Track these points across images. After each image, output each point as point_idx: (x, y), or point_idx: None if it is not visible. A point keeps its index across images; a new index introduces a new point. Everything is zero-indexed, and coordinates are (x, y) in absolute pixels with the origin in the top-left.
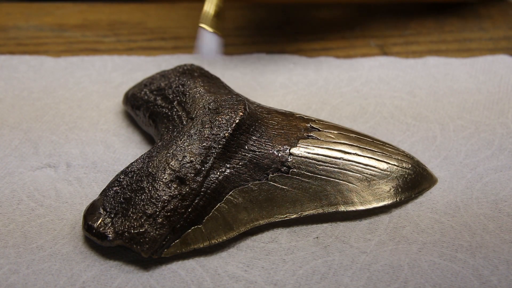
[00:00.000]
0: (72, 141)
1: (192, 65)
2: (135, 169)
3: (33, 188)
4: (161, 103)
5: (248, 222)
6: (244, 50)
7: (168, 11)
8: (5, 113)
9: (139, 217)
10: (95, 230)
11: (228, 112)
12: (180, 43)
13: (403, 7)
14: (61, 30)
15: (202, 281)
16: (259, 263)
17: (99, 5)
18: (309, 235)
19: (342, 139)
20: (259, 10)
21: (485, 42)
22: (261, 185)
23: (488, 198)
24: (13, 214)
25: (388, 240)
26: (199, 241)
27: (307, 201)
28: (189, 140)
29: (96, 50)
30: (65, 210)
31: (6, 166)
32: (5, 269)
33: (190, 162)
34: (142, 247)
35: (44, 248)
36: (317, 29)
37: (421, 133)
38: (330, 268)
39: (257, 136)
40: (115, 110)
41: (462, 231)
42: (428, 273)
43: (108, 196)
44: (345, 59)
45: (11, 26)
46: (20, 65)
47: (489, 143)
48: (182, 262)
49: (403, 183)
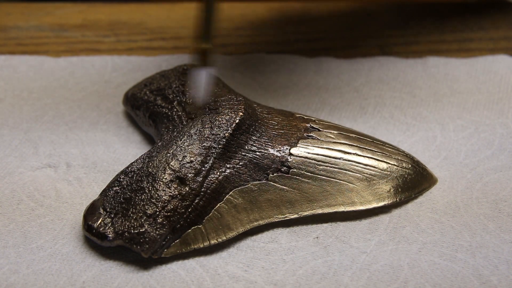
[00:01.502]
0: (72, 141)
1: (192, 65)
2: (135, 169)
3: (33, 188)
4: (161, 103)
5: (248, 222)
6: (244, 50)
7: (168, 11)
8: (5, 113)
9: (139, 217)
10: (95, 230)
11: (228, 112)
12: (180, 43)
13: (403, 7)
14: (61, 30)
15: (202, 281)
16: (259, 263)
17: (99, 5)
18: (309, 235)
19: (342, 139)
20: (259, 10)
21: (485, 42)
22: (261, 185)
23: (488, 198)
24: (13, 214)
25: (388, 240)
26: (199, 241)
27: (307, 201)
28: (189, 140)
29: (96, 50)
30: (65, 210)
31: (6, 166)
32: (5, 269)
33: (190, 162)
34: (142, 247)
35: (44, 248)
36: (318, 29)
37: (421, 133)
38: (330, 268)
39: (257, 136)
40: (115, 110)
41: (462, 231)
42: (428, 273)
43: (108, 196)
44: (345, 59)
45: (11, 26)
46: (20, 65)
47: (489, 143)
48: (182, 262)
49: (403, 183)
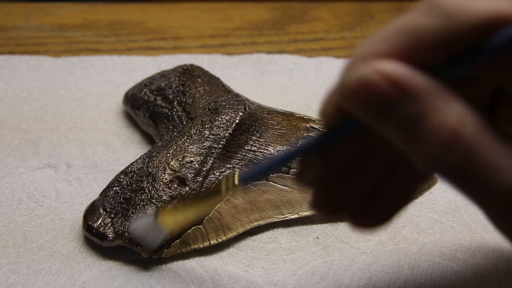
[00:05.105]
0: (72, 141)
1: (192, 65)
2: (135, 169)
3: (33, 188)
4: (161, 103)
5: (248, 222)
6: (244, 50)
7: (168, 11)
8: (5, 113)
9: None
10: (95, 230)
11: (228, 112)
12: (180, 43)
13: (403, 7)
14: (61, 30)
15: (202, 281)
16: (259, 263)
17: (99, 5)
18: (309, 235)
19: None
20: (259, 10)
21: None
22: (261, 185)
23: None
24: (13, 214)
25: (388, 240)
26: (199, 241)
27: (307, 201)
28: (189, 140)
29: (96, 50)
30: (65, 210)
31: (6, 166)
32: (5, 269)
33: (190, 162)
34: (142, 247)
35: (44, 248)
36: (317, 29)
37: None
38: (330, 268)
39: (257, 136)
40: (115, 110)
41: (462, 231)
42: (428, 273)
43: (108, 196)
44: (345, 59)
45: (11, 26)
46: (20, 65)
47: None
48: (182, 262)
49: None
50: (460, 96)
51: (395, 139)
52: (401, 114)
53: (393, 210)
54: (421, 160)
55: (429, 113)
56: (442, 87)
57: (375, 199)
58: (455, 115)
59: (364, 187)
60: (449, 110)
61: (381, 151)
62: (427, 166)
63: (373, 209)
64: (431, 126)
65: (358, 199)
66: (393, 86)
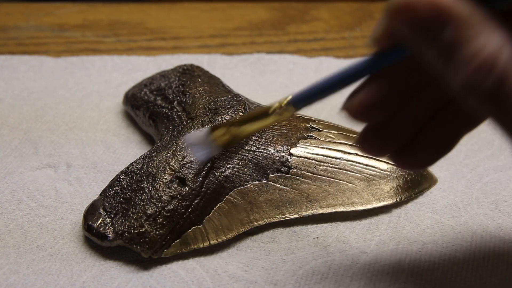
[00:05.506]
0: (72, 141)
1: (192, 65)
2: (135, 169)
3: (33, 188)
4: (161, 103)
5: (248, 222)
6: (244, 50)
7: (168, 11)
8: (5, 113)
9: (139, 217)
10: (95, 230)
11: (228, 112)
12: (180, 43)
13: None
14: (61, 30)
15: (202, 281)
16: (259, 263)
17: (99, 5)
18: (309, 235)
19: (342, 139)
20: (259, 10)
21: None
22: (261, 185)
23: (488, 198)
24: (13, 214)
25: (388, 240)
26: (199, 241)
27: (307, 201)
28: None
29: (96, 50)
30: (65, 210)
31: (6, 166)
32: (5, 269)
33: (190, 162)
34: (142, 247)
35: (44, 248)
36: (317, 29)
37: None
38: (330, 268)
39: (257, 136)
40: (115, 110)
41: (462, 231)
42: (428, 273)
43: (108, 196)
44: (345, 59)
45: (11, 26)
46: (20, 65)
47: (489, 143)
48: (182, 262)
49: (403, 183)
50: (502, 26)
51: (435, 63)
52: (441, 38)
53: (435, 155)
54: (457, 84)
55: (469, 39)
56: (485, 15)
57: (419, 141)
58: (494, 43)
59: (410, 125)
60: (488, 38)
61: (427, 91)
62: (463, 90)
63: (416, 150)
64: (470, 51)
65: (403, 137)
66: (434, 10)
